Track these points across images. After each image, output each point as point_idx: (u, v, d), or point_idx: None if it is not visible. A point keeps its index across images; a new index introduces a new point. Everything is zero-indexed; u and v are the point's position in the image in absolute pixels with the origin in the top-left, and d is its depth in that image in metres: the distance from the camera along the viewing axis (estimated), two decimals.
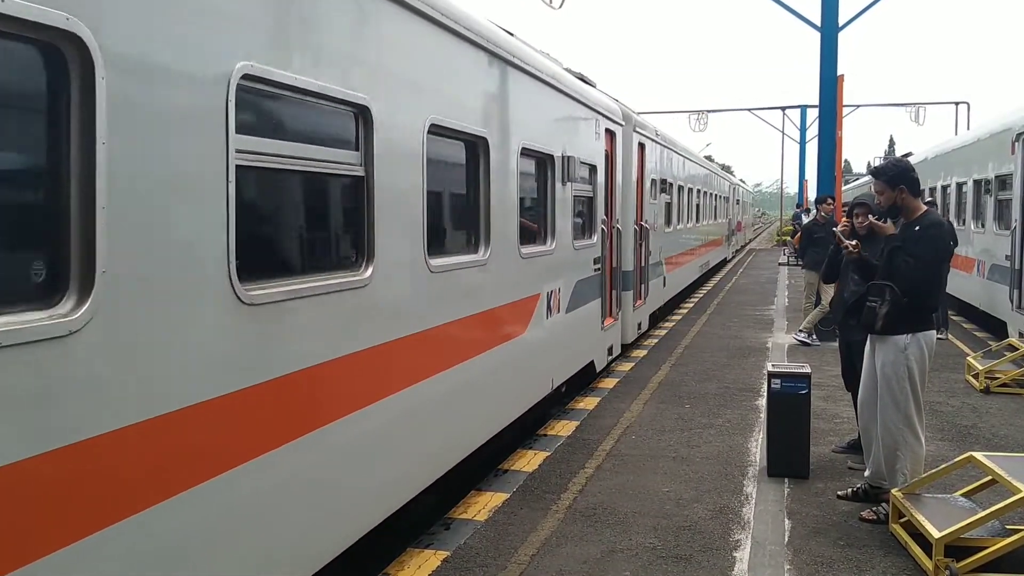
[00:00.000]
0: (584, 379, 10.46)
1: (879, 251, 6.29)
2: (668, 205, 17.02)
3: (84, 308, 2.86)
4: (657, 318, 15.94)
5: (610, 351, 11.50)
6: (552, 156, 8.51)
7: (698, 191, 22.71)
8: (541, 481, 6.98)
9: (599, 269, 10.56)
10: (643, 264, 13.79)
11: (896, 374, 5.98)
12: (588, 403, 9.65)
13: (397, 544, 5.84)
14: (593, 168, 10.32)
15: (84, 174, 2.90)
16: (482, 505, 6.43)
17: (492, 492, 6.72)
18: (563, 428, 8.59)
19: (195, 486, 3.45)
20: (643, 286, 13.85)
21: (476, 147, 6.65)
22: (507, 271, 7.23)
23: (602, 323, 10.86)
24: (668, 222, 17.14)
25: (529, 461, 7.50)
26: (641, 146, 13.68)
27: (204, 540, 3.55)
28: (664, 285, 16.42)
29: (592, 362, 10.44)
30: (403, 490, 5.45)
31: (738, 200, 43.07)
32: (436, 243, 5.88)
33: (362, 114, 4.75)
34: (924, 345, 5.98)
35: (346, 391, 4.68)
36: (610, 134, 11.33)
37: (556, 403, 9.46)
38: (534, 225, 8.33)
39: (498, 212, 6.89)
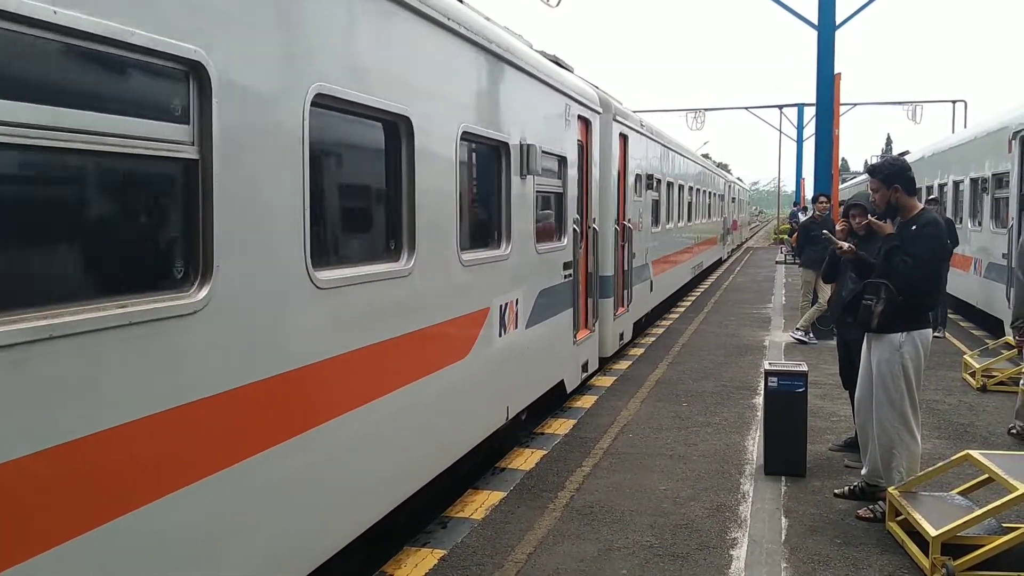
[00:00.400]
0: (553, 401, 9.16)
1: (876, 250, 6.29)
2: (656, 203, 15.85)
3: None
4: (644, 325, 15.07)
5: (585, 367, 10.13)
6: (507, 144, 7.15)
7: (690, 188, 21.52)
8: (538, 479, 6.98)
9: (571, 275, 9.21)
10: (626, 268, 12.69)
11: (892, 372, 5.98)
12: (585, 401, 9.65)
13: (394, 543, 5.84)
14: (563, 160, 8.98)
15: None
16: (479, 503, 6.42)
17: (489, 491, 6.72)
18: (560, 426, 8.59)
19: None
20: (626, 292, 12.76)
21: (395, 129, 5.29)
22: (441, 283, 5.91)
23: (574, 336, 9.52)
24: (656, 221, 15.98)
25: (526, 459, 7.50)
26: (623, 137, 12.64)
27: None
28: (651, 290, 15.39)
29: (562, 382, 9.07)
30: None
31: (734, 198, 41.11)
32: (325, 251, 4.65)
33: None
34: (919, 343, 5.98)
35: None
36: (585, 123, 10.07)
37: (523, 428, 8.41)
38: (485, 226, 7.19)
39: (427, 211, 5.55)
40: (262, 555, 4.02)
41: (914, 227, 5.96)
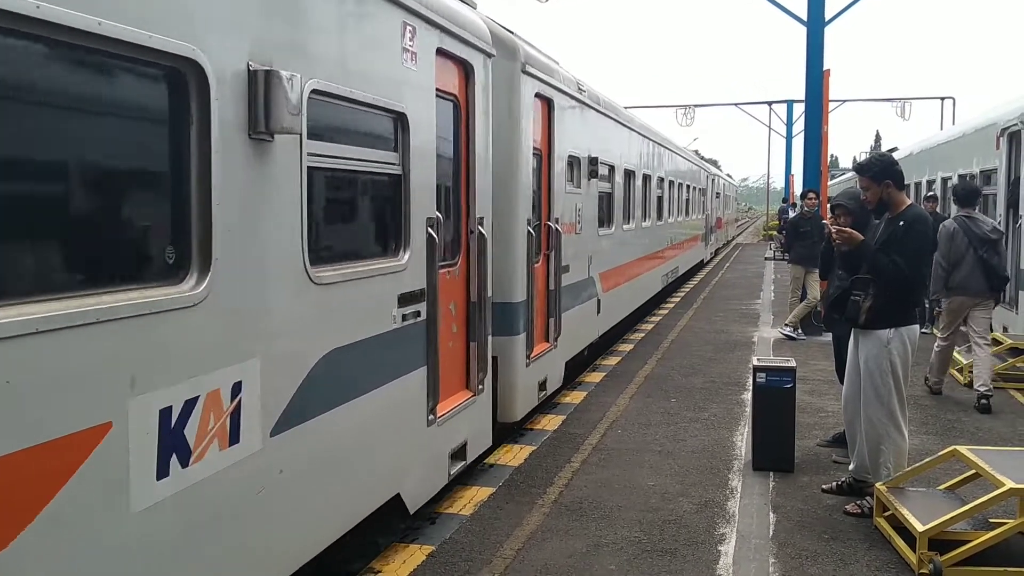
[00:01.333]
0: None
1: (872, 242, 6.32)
2: (606, 197, 12.34)
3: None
4: (587, 362, 11.71)
5: (459, 454, 6.40)
6: (200, 71, 3.46)
7: (660, 179, 17.65)
8: (527, 475, 6.98)
9: (420, 315, 5.58)
10: (551, 287, 9.20)
11: (879, 368, 6.00)
12: (575, 397, 9.64)
13: (382, 539, 5.82)
14: (399, 120, 5.35)
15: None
16: (468, 499, 6.42)
17: (478, 486, 6.71)
18: (549, 422, 8.58)
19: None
20: (552, 321, 9.21)
21: None
22: None
23: (429, 413, 5.81)
24: (607, 221, 12.37)
25: (515, 455, 7.49)
26: (546, 102, 8.98)
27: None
28: (599, 311, 11.74)
29: (398, 496, 5.43)
30: None
31: (718, 193, 37.21)
32: None
33: None
34: (907, 339, 5.99)
35: None
36: (460, 67, 6.49)
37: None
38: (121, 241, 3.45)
39: None
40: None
41: (902, 223, 5.97)
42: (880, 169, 6.14)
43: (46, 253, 3.09)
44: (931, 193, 17.52)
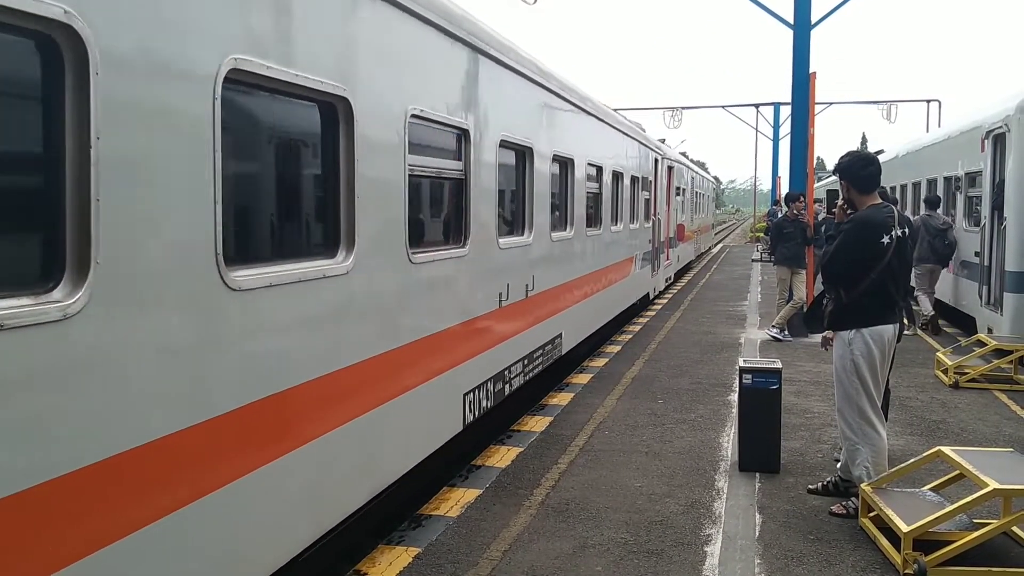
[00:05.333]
0: None
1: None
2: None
3: None
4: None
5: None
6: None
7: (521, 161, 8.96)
8: (514, 477, 6.97)
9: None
10: None
11: (844, 368, 6.11)
12: (561, 399, 9.65)
13: (368, 541, 5.82)
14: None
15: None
16: (454, 501, 6.41)
17: (464, 488, 6.70)
18: (536, 424, 8.58)
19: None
20: None
21: None
22: None
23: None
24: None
25: (502, 457, 7.49)
26: None
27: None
28: None
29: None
30: None
31: (680, 188, 24.53)
32: None
33: None
34: (870, 339, 6.03)
35: None
36: None
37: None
38: None
39: None
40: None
41: (848, 224, 6.12)
42: (838, 168, 6.43)
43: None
44: (933, 196, 17.87)
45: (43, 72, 2.99)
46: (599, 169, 12.38)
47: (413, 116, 5.81)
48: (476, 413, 7.35)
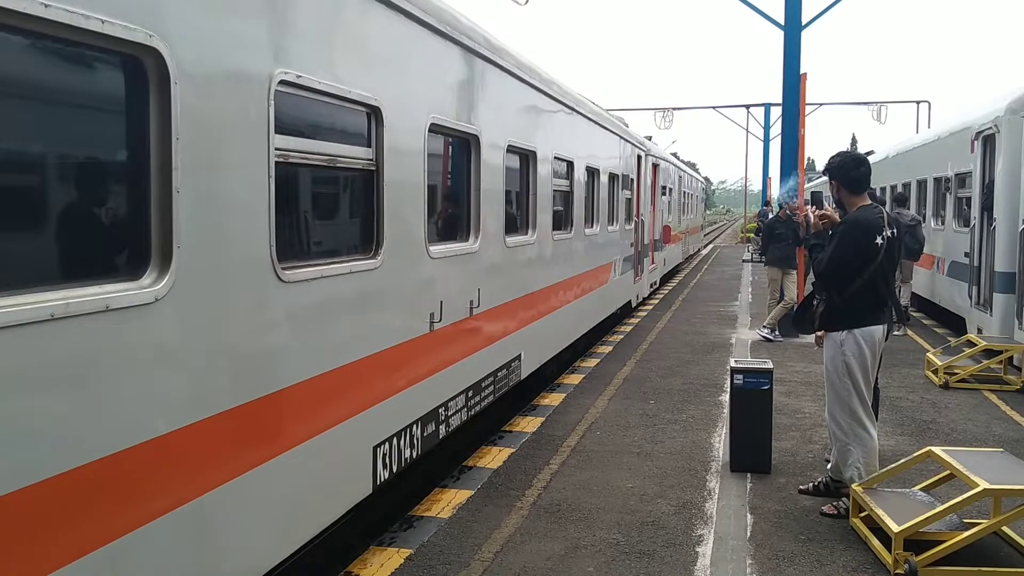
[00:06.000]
0: None
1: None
2: None
3: None
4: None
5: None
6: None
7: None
8: (506, 478, 6.97)
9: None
10: None
11: (836, 369, 6.11)
12: (553, 399, 9.65)
13: (359, 542, 5.80)
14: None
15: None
16: (446, 502, 6.40)
17: (456, 489, 6.69)
18: (528, 424, 8.58)
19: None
20: None
21: None
22: None
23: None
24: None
25: (494, 458, 7.48)
26: None
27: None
28: None
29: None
30: None
31: (666, 188, 23.19)
32: None
33: None
34: (861, 340, 6.05)
35: None
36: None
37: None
38: None
39: None
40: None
41: (841, 226, 6.11)
42: (829, 168, 6.42)
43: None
44: (899, 194, 18.40)
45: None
46: (569, 164, 11.05)
47: (282, 83, 4.36)
48: (394, 467, 5.80)
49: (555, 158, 10.18)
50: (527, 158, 9.15)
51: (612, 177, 14.27)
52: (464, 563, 5.33)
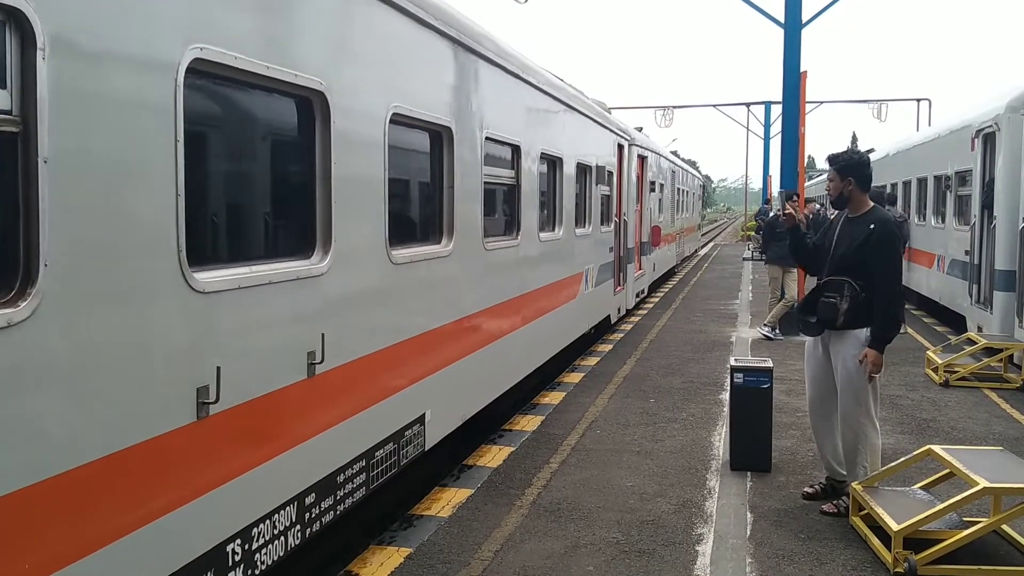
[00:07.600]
0: None
1: (820, 235, 6.47)
2: None
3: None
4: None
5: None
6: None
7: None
8: (505, 476, 6.97)
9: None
10: None
11: (858, 368, 6.02)
12: (553, 398, 9.65)
13: (359, 541, 5.80)
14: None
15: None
16: (445, 501, 6.40)
17: (456, 488, 6.69)
18: (528, 423, 8.58)
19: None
20: None
21: None
22: None
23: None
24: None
25: (494, 456, 7.48)
26: None
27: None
28: None
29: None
30: None
31: (656, 183, 20.33)
32: None
33: None
34: None
35: None
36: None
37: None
38: None
39: None
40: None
41: (872, 226, 6.00)
42: (845, 164, 6.22)
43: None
44: (888, 192, 18.93)
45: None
46: (515, 150, 8.48)
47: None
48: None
49: (490, 140, 7.61)
50: (438, 137, 6.62)
51: (583, 169, 11.82)
52: (464, 562, 5.33)
